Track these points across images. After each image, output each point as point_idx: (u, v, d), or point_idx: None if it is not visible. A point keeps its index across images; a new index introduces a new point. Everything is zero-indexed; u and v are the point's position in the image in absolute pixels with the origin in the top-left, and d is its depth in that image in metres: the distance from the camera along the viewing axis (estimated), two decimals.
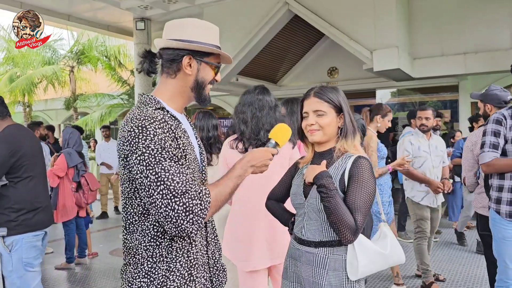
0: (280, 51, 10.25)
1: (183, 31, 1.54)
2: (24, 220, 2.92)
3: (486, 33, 7.62)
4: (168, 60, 1.54)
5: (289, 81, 11.70)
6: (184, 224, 1.34)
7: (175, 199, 1.32)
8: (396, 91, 11.00)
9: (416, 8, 8.08)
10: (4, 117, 3.03)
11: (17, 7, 8.65)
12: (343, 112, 1.88)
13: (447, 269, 4.96)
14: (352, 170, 1.79)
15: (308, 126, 1.87)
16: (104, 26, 10.75)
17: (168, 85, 1.56)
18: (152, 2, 8.80)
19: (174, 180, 1.33)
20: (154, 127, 1.37)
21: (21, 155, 2.93)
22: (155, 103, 1.50)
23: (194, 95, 1.58)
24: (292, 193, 1.99)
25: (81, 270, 5.25)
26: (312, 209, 1.85)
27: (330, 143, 1.91)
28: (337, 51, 9.45)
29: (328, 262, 1.80)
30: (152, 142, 1.35)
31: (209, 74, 1.58)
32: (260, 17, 8.35)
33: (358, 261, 1.74)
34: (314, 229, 1.85)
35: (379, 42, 7.32)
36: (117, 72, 13.89)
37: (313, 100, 1.89)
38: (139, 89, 9.93)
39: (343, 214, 1.69)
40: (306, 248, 1.87)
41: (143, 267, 1.45)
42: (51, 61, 15.59)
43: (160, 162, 1.34)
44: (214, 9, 8.84)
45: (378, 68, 7.36)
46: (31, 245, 2.97)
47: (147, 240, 1.45)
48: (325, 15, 7.73)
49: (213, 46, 1.56)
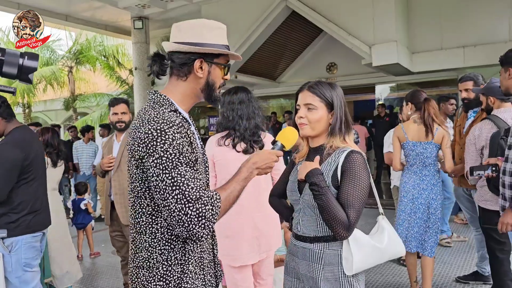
0: (279, 48, 10.24)
1: (193, 34, 1.53)
2: (24, 222, 2.93)
3: (484, 26, 7.60)
4: (179, 64, 1.53)
5: (288, 78, 11.69)
6: (195, 229, 1.35)
7: (189, 204, 1.34)
8: (396, 86, 10.99)
9: (414, 2, 8.07)
10: (10, 119, 3.03)
11: (15, 8, 8.63)
12: (334, 108, 1.86)
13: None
14: (344, 165, 1.78)
15: (298, 119, 1.88)
16: (102, 25, 10.75)
17: (179, 87, 1.56)
18: (150, 1, 8.78)
19: (189, 186, 1.35)
20: (173, 131, 1.38)
21: (32, 158, 2.94)
22: (169, 105, 1.50)
23: (204, 95, 1.59)
24: (288, 189, 2.01)
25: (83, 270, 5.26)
26: (307, 205, 1.86)
27: (321, 138, 1.91)
28: (335, 46, 9.44)
29: (323, 257, 1.82)
30: (170, 147, 1.36)
31: (219, 74, 1.58)
32: (258, 14, 8.34)
33: (353, 256, 1.76)
34: (309, 224, 1.87)
35: (378, 37, 7.31)
36: (115, 72, 13.87)
37: (306, 93, 1.88)
38: (138, 88, 9.92)
39: (335, 211, 1.71)
40: (302, 244, 1.89)
41: (158, 270, 1.47)
42: (49, 61, 15.57)
43: (177, 167, 1.36)
44: (212, 6, 8.82)
45: (377, 63, 7.35)
46: (30, 246, 2.98)
47: (161, 244, 1.47)
48: (323, 10, 7.71)
49: (222, 46, 1.57)
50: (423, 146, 3.56)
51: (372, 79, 10.31)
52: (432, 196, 3.57)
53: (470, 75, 4.00)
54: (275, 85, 11.70)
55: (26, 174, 2.94)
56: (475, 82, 3.91)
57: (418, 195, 3.59)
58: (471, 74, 4.01)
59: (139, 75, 9.90)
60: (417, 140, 3.58)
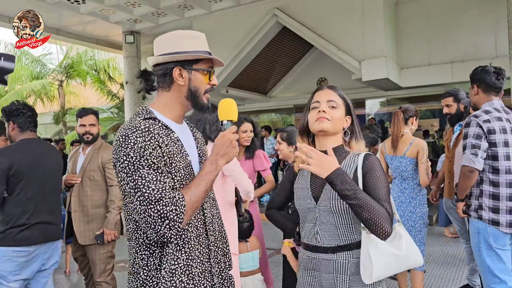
0: (270, 63, 10.32)
1: (170, 44, 1.57)
2: (10, 234, 2.89)
3: (472, 42, 7.75)
4: (160, 75, 1.57)
5: (279, 92, 11.76)
6: (162, 230, 1.38)
7: (150, 205, 1.38)
8: (385, 101, 11.11)
9: (403, 19, 8.21)
10: (25, 130, 3.01)
11: (6, 21, 8.63)
12: (352, 113, 1.84)
13: None
14: (365, 166, 1.73)
15: (321, 112, 1.76)
16: (93, 39, 10.76)
17: (163, 97, 1.60)
18: (142, 16, 8.84)
19: (150, 187, 1.38)
20: (136, 135, 1.41)
21: (19, 170, 2.90)
22: (145, 113, 1.53)
23: (190, 103, 1.61)
24: (299, 197, 1.85)
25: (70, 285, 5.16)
26: (327, 212, 1.74)
27: (335, 141, 1.82)
28: (326, 61, 9.54)
29: (349, 267, 1.71)
30: (131, 150, 1.40)
31: (202, 80, 1.60)
32: (249, 29, 8.42)
33: (372, 264, 1.64)
34: (330, 233, 1.74)
35: (367, 52, 7.41)
36: (106, 86, 13.85)
37: (328, 91, 1.83)
38: (129, 102, 9.91)
39: (375, 206, 1.62)
40: (323, 256, 1.75)
41: (139, 276, 1.50)
42: (39, 75, 15.51)
43: (138, 170, 1.39)
44: (203, 21, 8.90)
45: (366, 78, 7.44)
46: (9, 259, 2.92)
47: (142, 249, 1.49)
48: (313, 26, 7.81)
49: (200, 52, 1.58)
50: (398, 160, 3.62)
51: (362, 94, 10.42)
52: (411, 209, 3.59)
53: (450, 91, 4.06)
54: (266, 100, 11.76)
55: (14, 186, 2.90)
56: (455, 97, 3.97)
57: (398, 207, 3.63)
58: (451, 90, 4.07)
59: (130, 89, 9.89)
60: (393, 154, 3.66)
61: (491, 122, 2.71)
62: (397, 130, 3.62)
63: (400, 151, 3.60)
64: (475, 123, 2.74)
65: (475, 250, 2.82)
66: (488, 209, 2.72)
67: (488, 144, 2.70)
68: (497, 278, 2.71)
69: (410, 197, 3.61)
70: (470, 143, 2.73)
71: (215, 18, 8.77)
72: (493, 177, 2.71)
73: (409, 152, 3.56)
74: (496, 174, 2.70)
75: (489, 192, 2.73)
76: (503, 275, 2.71)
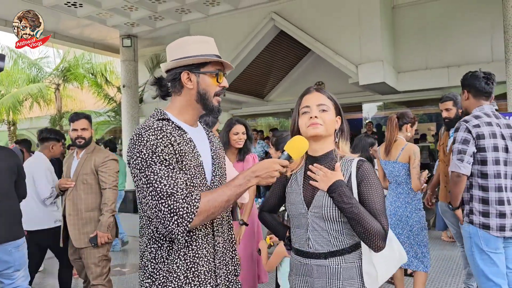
0: (267, 67, 10.33)
1: (178, 50, 1.62)
2: None
3: (468, 47, 7.78)
4: (170, 80, 1.63)
5: (276, 96, 11.77)
6: (170, 225, 1.41)
7: (161, 200, 1.41)
8: (382, 105, 11.13)
9: (400, 23, 8.25)
10: None
11: (2, 25, 8.62)
12: (341, 114, 1.83)
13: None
14: (360, 174, 1.71)
15: (312, 118, 1.75)
16: (90, 43, 10.75)
17: (176, 101, 1.65)
18: (139, 19, 8.83)
19: (162, 183, 1.42)
20: (148, 134, 1.47)
21: None
22: (159, 115, 1.60)
23: (201, 106, 1.63)
24: (291, 202, 1.83)
25: None
26: (318, 218, 1.73)
27: (326, 146, 1.80)
28: (323, 65, 9.57)
29: (341, 272, 1.71)
30: (144, 148, 1.45)
31: (210, 83, 1.62)
32: (246, 33, 8.43)
33: (377, 271, 1.69)
34: (321, 239, 1.73)
35: (364, 56, 7.42)
36: (103, 89, 13.81)
37: (316, 95, 1.81)
38: (126, 106, 9.90)
39: (370, 221, 1.62)
40: (315, 261, 1.75)
41: (147, 268, 1.55)
42: (36, 79, 15.47)
43: (150, 166, 1.44)
44: (200, 25, 8.90)
45: (363, 82, 7.46)
46: None
47: (151, 242, 1.54)
48: (310, 30, 7.83)
49: (207, 56, 1.60)
50: (391, 165, 3.65)
51: (359, 98, 10.44)
52: (407, 214, 3.61)
53: (449, 95, 4.08)
54: (263, 104, 11.76)
55: None
56: (455, 102, 3.99)
57: (394, 212, 3.65)
58: (451, 94, 4.08)
59: (127, 93, 9.88)
60: (386, 159, 3.69)
61: (481, 127, 2.72)
62: (391, 136, 3.67)
63: (393, 156, 3.63)
64: (464, 127, 2.75)
65: (469, 255, 2.83)
66: (478, 214, 2.73)
67: (476, 149, 2.71)
68: (491, 281, 2.71)
69: (405, 202, 3.63)
70: (456, 148, 2.75)
71: (212, 22, 8.78)
72: (482, 181, 2.72)
73: (401, 157, 3.59)
74: (485, 178, 2.71)
75: (478, 196, 2.74)
76: (497, 279, 2.71)
